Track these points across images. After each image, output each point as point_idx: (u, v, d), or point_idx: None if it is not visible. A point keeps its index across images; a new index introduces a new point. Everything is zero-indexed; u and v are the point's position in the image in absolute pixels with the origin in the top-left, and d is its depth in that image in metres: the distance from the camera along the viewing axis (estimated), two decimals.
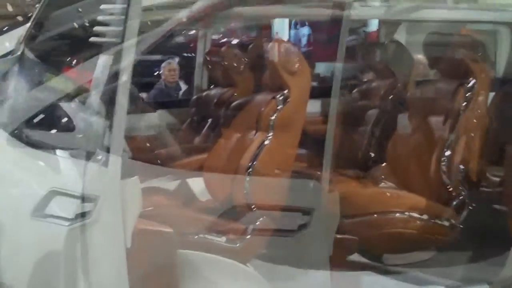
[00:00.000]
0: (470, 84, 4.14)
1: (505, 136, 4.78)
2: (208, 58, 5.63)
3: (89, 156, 2.52)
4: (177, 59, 8.67)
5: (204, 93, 5.64)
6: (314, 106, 5.64)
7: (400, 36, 5.91)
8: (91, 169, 2.50)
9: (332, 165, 5.27)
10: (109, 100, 2.46)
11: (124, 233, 2.57)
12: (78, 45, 3.18)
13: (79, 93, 2.62)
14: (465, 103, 4.10)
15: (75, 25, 3.05)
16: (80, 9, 2.95)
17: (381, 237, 4.15)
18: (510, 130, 4.42)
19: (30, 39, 3.14)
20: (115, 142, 2.50)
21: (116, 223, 2.54)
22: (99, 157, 2.49)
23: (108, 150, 2.47)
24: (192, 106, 5.64)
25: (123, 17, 2.47)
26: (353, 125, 5.50)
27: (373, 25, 9.20)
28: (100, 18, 2.59)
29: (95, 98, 2.56)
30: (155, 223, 2.93)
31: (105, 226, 2.50)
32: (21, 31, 3.21)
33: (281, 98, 3.64)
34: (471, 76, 4.16)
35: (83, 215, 2.45)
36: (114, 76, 2.43)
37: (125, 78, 2.46)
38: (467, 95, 4.12)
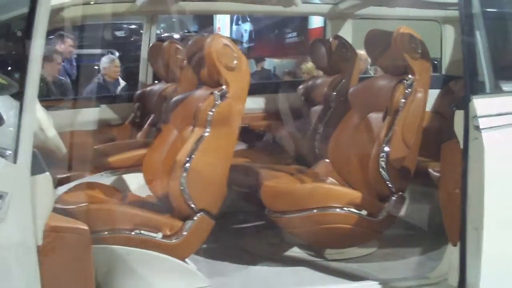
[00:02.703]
0: (409, 81, 4.17)
1: (446, 132, 4.85)
2: (151, 53, 5.58)
3: None
4: (117, 54, 8.55)
5: (148, 88, 5.60)
6: (256, 102, 5.67)
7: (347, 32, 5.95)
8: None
9: (275, 160, 5.32)
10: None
11: (35, 231, 2.52)
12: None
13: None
14: (403, 99, 4.14)
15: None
16: None
17: (321, 232, 4.17)
18: (449, 126, 4.48)
19: None
20: (24, 137, 2.46)
21: (26, 220, 2.49)
22: (8, 153, 2.44)
23: (17, 145, 2.43)
24: (135, 101, 5.60)
25: None
26: (298, 121, 5.54)
27: (318, 21, 9.26)
28: None
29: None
30: (69, 219, 2.87)
31: (14, 223, 2.45)
32: None
33: (219, 93, 3.62)
34: (410, 73, 4.20)
35: None
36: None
37: (33, 72, 2.41)
38: (406, 91, 4.16)
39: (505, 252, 3.15)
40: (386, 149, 4.10)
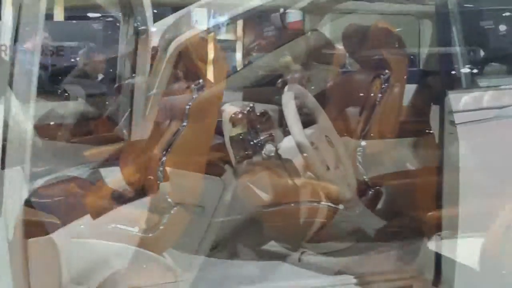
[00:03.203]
0: (386, 76, 4.19)
1: (422, 127, 4.87)
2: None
3: None
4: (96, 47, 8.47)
5: (126, 82, 5.55)
6: (236, 96, 5.64)
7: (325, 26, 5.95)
8: None
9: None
10: None
11: (6, 226, 2.49)
12: None
13: None
14: (380, 94, 4.15)
15: None
16: None
17: (298, 226, 4.17)
18: (426, 121, 4.51)
19: None
20: None
21: None
22: None
23: None
24: (113, 94, 5.55)
25: None
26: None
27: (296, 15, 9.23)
28: None
29: None
30: (41, 213, 2.86)
31: None
32: None
33: (196, 87, 3.60)
34: (387, 68, 4.21)
35: None
36: None
37: None
38: (383, 86, 4.17)
39: (480, 247, 3.17)
40: (363, 143, 4.11)
